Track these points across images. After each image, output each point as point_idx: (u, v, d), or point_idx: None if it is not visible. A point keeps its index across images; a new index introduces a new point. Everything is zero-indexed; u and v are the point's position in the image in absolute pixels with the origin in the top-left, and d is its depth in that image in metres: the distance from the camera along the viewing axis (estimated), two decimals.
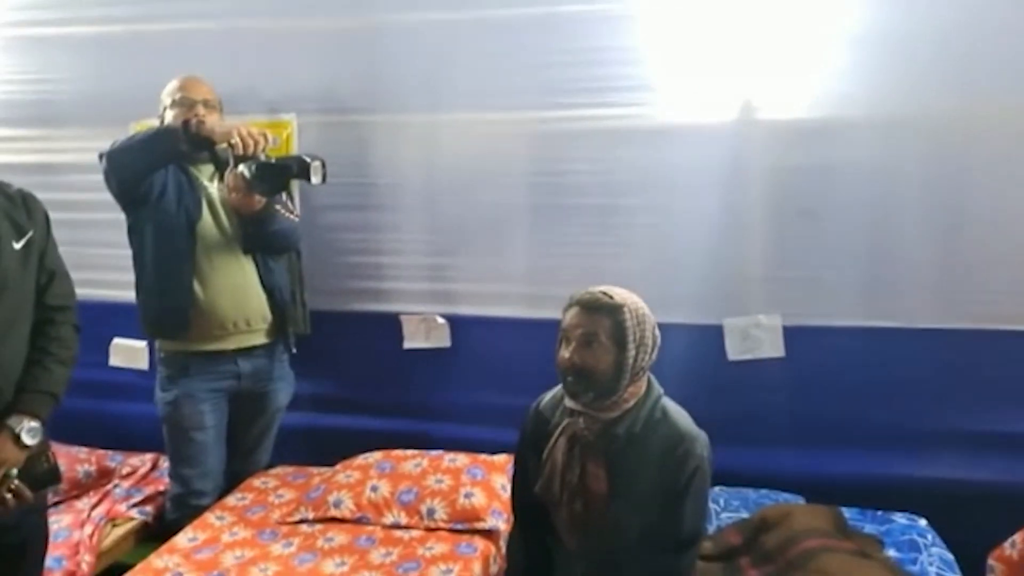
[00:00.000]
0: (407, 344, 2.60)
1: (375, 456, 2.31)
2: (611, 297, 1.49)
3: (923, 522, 2.10)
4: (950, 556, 1.94)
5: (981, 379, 2.24)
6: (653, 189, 2.36)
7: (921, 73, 2.16)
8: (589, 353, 1.47)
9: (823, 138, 2.24)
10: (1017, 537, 2.06)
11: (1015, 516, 2.09)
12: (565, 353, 1.49)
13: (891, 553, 1.90)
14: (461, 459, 2.24)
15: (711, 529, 2.00)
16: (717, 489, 2.23)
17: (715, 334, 2.38)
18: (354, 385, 2.69)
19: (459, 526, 2.03)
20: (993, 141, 2.16)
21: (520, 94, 2.41)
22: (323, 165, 2.00)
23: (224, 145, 2.02)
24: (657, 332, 1.53)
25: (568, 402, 1.54)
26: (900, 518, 2.12)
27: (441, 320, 2.57)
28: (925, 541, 1.99)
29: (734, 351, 2.38)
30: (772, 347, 2.36)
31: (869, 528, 2.05)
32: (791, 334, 2.33)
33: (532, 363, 1.82)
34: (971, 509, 2.13)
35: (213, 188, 2.20)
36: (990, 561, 2.10)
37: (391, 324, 2.60)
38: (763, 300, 2.35)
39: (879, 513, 2.16)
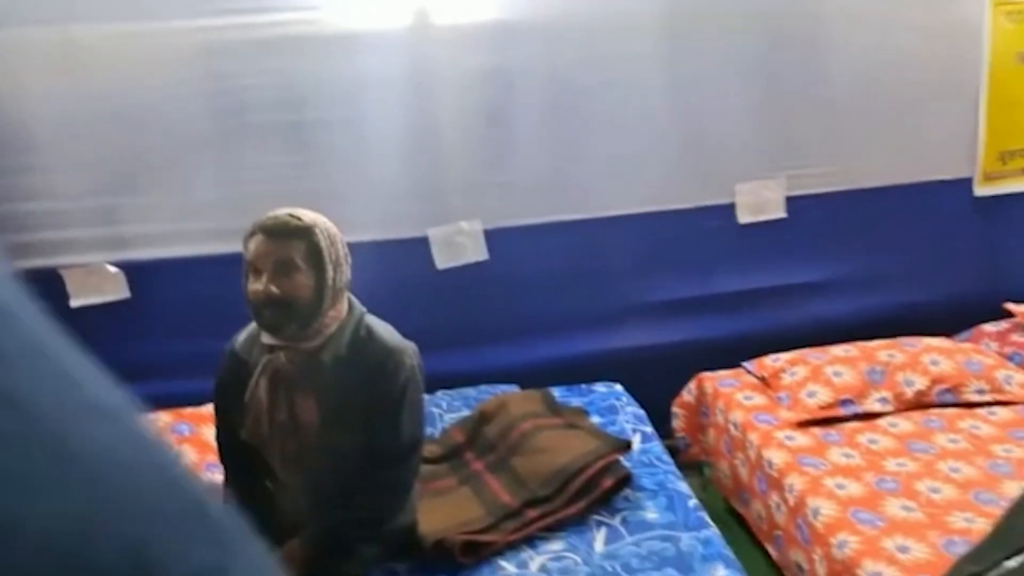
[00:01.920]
0: (75, 302, 2.24)
1: None
2: (300, 219, 1.39)
3: (619, 387, 2.35)
4: (642, 412, 2.20)
5: (662, 255, 2.50)
6: (337, 101, 2.24)
7: None
8: (287, 281, 1.37)
9: (499, 41, 2.28)
10: (692, 384, 2.41)
11: (693, 368, 2.44)
12: (258, 285, 1.38)
13: (595, 419, 2.11)
14: (164, 417, 2.03)
15: (437, 432, 2.06)
16: (439, 393, 2.28)
17: (421, 245, 2.39)
18: None
19: None
20: (636, 43, 2.34)
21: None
22: None
23: None
24: (346, 247, 1.48)
25: (265, 338, 1.44)
26: (600, 387, 2.35)
27: (113, 269, 2.25)
28: (621, 403, 2.23)
29: (441, 260, 2.41)
30: (475, 252, 2.43)
31: (575, 401, 2.25)
32: (492, 236, 2.41)
33: (231, 303, 1.67)
34: (659, 369, 2.43)
35: None
36: (673, 408, 2.44)
37: (53, 280, 2.22)
38: (463, 207, 2.40)
39: (583, 386, 2.37)
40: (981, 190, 2.59)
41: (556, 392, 2.25)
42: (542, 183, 2.41)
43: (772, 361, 2.30)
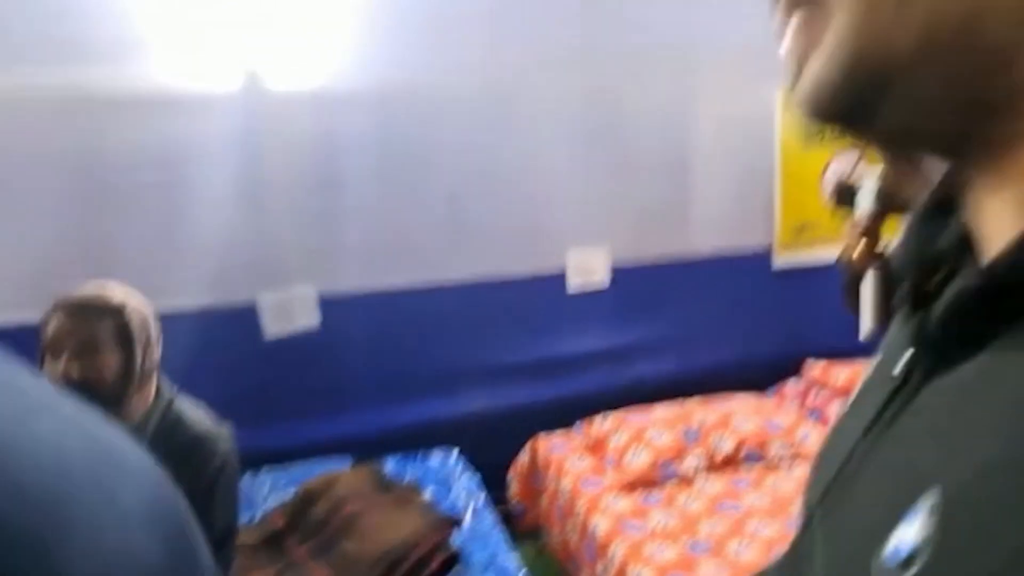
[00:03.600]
0: None
1: None
2: (107, 297, 1.30)
3: (455, 453, 2.34)
4: (476, 479, 2.21)
5: (496, 320, 2.55)
6: (161, 164, 2.14)
7: (405, 48, 2.30)
8: (89, 363, 1.27)
9: (329, 108, 2.28)
10: (527, 447, 2.46)
11: (530, 431, 2.49)
12: (57, 367, 1.27)
13: (429, 491, 2.09)
14: None
15: (257, 516, 1.95)
16: (263, 472, 2.18)
17: (248, 311, 2.30)
18: None
19: None
20: (467, 111, 2.42)
21: None
22: None
23: None
24: (158, 326, 1.40)
25: None
26: (437, 455, 2.34)
27: None
28: (456, 473, 2.23)
29: (270, 327, 2.33)
30: (307, 318, 2.37)
31: (411, 472, 2.22)
32: (326, 304, 2.37)
33: None
34: (496, 433, 2.46)
35: None
36: (509, 475, 2.47)
37: None
38: (296, 272, 2.34)
39: (419, 455, 2.35)
40: (780, 259, 2.86)
41: (391, 462, 2.21)
42: (375, 249, 2.41)
43: (600, 421, 2.39)
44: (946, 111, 0.29)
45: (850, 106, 0.30)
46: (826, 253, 2.86)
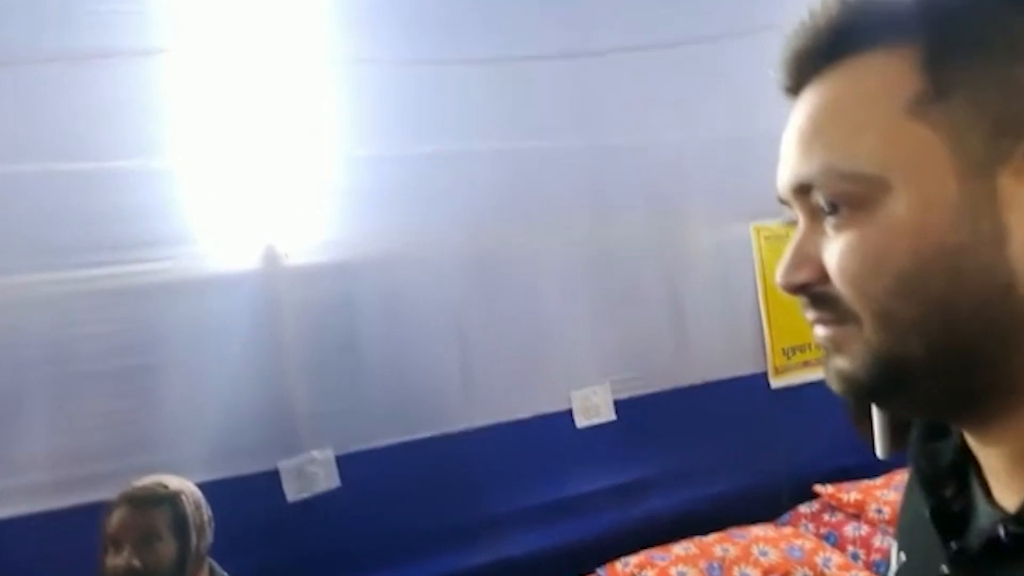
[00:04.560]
0: None
1: None
2: (166, 486, 1.38)
3: None
4: None
5: (508, 463, 2.60)
6: (180, 343, 2.25)
7: (404, 217, 2.49)
8: (149, 553, 1.33)
9: (342, 278, 2.44)
10: None
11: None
12: (118, 560, 1.32)
13: None
14: None
15: None
16: None
17: (270, 478, 2.34)
18: None
19: None
20: (470, 268, 2.59)
21: (16, 255, 2.10)
22: None
23: None
24: (209, 511, 1.46)
25: None
26: None
27: None
28: None
29: (292, 492, 2.37)
30: (327, 480, 2.42)
31: None
32: (343, 463, 2.42)
33: (72, 567, 1.55)
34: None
35: None
36: None
37: None
38: (313, 436, 2.41)
39: None
40: (775, 382, 2.99)
41: None
42: (388, 406, 2.49)
43: (622, 566, 2.41)
44: (945, 399, 0.43)
45: (870, 395, 0.43)
46: (818, 373, 3.00)
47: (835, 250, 0.44)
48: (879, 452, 1.74)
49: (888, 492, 2.59)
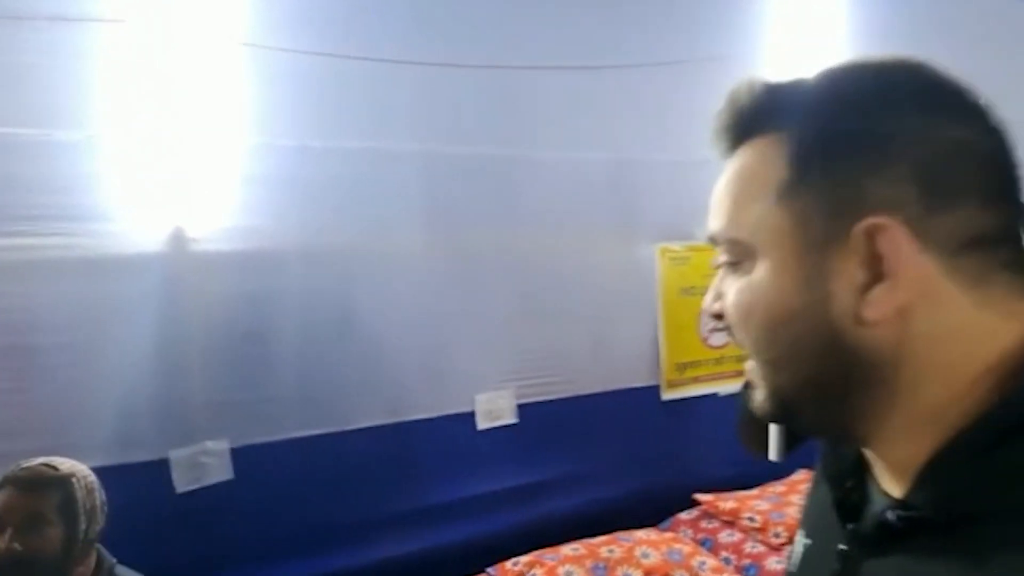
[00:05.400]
0: None
1: None
2: (55, 469, 1.34)
3: None
4: None
5: (408, 462, 2.63)
6: (76, 324, 2.17)
7: (320, 211, 2.49)
8: (34, 537, 1.29)
9: (255, 267, 2.40)
10: None
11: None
12: (1, 542, 1.28)
13: None
14: None
15: None
16: None
17: (161, 468, 2.28)
18: None
19: None
20: (381, 268, 2.61)
21: None
22: None
23: None
24: (103, 496, 1.43)
25: None
26: None
27: None
28: None
29: (182, 482, 2.32)
30: (220, 472, 2.37)
31: None
32: (239, 455, 2.38)
33: None
34: None
35: None
36: None
37: None
38: (210, 426, 2.36)
39: None
40: (667, 395, 3.14)
41: None
42: (292, 400, 2.47)
43: (512, 565, 2.48)
44: (826, 425, 0.55)
45: (780, 420, 0.54)
46: (706, 388, 3.18)
47: (727, 295, 0.56)
48: (773, 457, 1.90)
49: (761, 502, 2.78)
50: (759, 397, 0.55)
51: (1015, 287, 0.50)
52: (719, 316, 0.58)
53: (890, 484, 0.54)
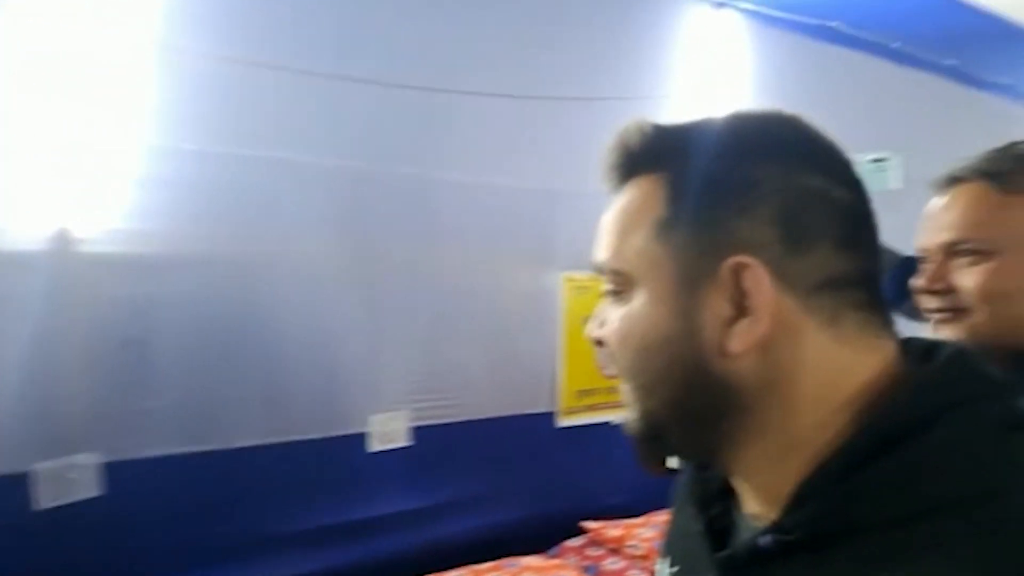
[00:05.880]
0: None
1: None
2: None
3: None
4: None
5: (293, 484, 2.55)
6: None
7: (219, 219, 2.41)
8: None
9: (144, 272, 2.29)
10: None
11: None
12: None
13: None
14: None
15: None
16: None
17: (22, 481, 2.13)
18: None
19: None
20: (279, 280, 2.55)
21: None
22: None
23: None
24: None
25: None
26: None
27: None
28: None
29: (45, 498, 2.17)
30: (87, 488, 2.23)
31: None
32: (111, 470, 2.25)
33: None
34: None
35: None
36: None
37: None
38: (81, 439, 2.22)
39: None
40: (562, 421, 3.18)
41: None
42: (175, 414, 2.36)
43: None
44: (693, 448, 0.58)
45: (651, 440, 0.56)
46: (601, 416, 3.25)
47: (609, 322, 0.60)
48: (673, 464, 1.95)
49: (646, 530, 2.85)
50: (630, 417, 0.58)
51: (869, 326, 0.55)
52: (600, 342, 0.60)
53: (757, 509, 0.57)
